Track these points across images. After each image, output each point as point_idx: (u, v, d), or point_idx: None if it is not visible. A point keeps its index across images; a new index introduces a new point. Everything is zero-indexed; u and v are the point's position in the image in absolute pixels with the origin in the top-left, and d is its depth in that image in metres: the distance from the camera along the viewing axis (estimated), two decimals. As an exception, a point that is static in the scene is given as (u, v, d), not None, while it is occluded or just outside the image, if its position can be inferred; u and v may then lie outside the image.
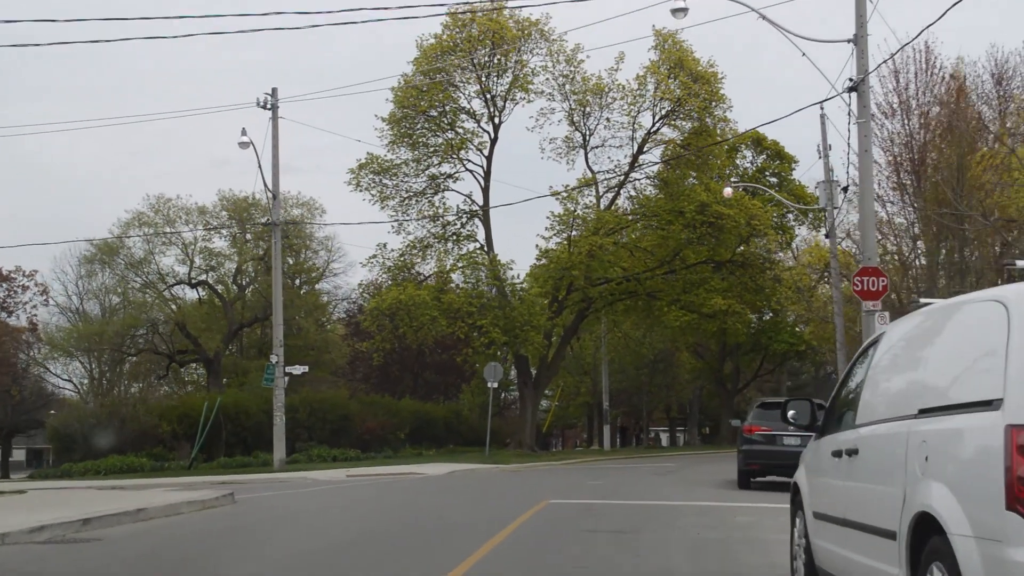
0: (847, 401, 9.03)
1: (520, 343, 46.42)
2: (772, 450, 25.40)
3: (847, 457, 7.98)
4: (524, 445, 49.11)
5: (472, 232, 51.09)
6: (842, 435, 8.55)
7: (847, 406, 8.93)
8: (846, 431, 8.50)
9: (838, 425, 9.05)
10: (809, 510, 9.37)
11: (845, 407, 9.03)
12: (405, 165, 50.94)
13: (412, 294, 45.81)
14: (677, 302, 49.66)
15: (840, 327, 40.95)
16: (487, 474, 35.13)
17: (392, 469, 36.86)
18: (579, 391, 73.70)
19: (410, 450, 48.08)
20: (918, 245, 38.62)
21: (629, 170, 51.78)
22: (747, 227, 48.16)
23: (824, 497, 8.88)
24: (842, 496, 8.15)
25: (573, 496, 22.81)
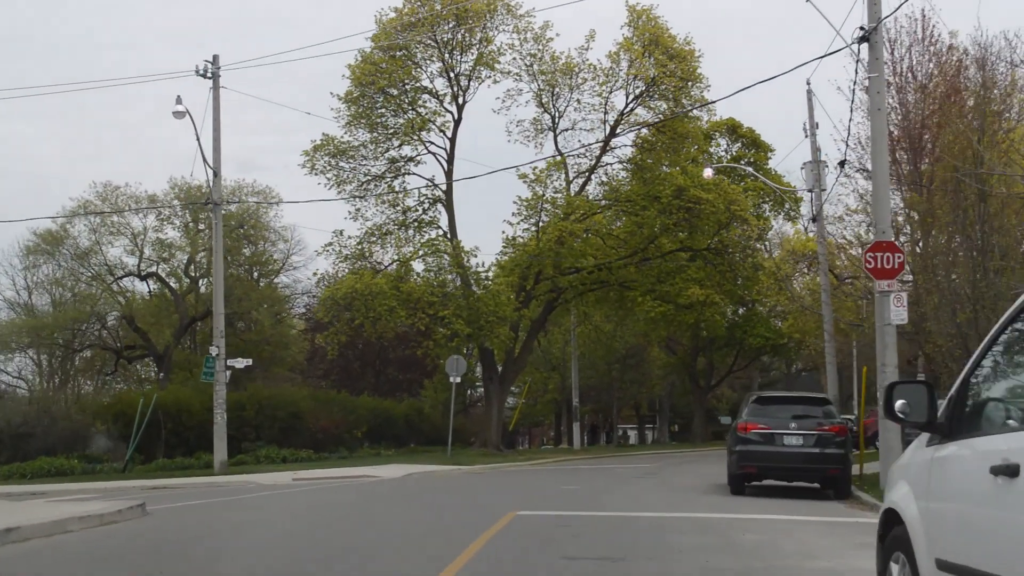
0: (998, 389, 5.58)
1: (485, 335, 42.87)
2: (771, 451, 22.08)
3: (1010, 477, 4.60)
4: (489, 444, 45.58)
5: (434, 218, 47.60)
6: (995, 440, 5.12)
7: (1001, 397, 5.50)
8: (1003, 435, 5.08)
9: (979, 424, 5.59)
10: (927, 557, 5.84)
11: (995, 398, 5.60)
12: (363, 147, 47.32)
13: (369, 283, 42.17)
14: (651, 292, 46.31)
15: (828, 316, 37.66)
16: (447, 477, 31.58)
17: (344, 471, 33.25)
18: (547, 387, 70.15)
19: (368, 450, 44.44)
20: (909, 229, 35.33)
21: (601, 153, 48.41)
22: (726, 213, 44.81)
23: (962, 538, 5.40)
24: (1006, 539, 4.73)
25: (544, 506, 19.30)
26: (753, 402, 22.96)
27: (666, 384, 74.79)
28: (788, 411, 22.54)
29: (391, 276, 43.66)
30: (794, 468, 22.12)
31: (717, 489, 24.19)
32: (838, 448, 21.95)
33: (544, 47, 47.56)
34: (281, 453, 39.08)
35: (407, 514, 18.32)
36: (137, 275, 64.46)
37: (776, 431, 22.10)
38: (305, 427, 41.36)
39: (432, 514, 18.32)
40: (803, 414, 22.42)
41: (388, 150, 47.60)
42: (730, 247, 46.40)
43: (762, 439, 22.12)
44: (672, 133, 47.01)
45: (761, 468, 22.23)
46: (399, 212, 47.55)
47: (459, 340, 42.79)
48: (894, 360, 20.97)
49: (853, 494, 22.01)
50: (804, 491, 23.50)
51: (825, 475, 22.13)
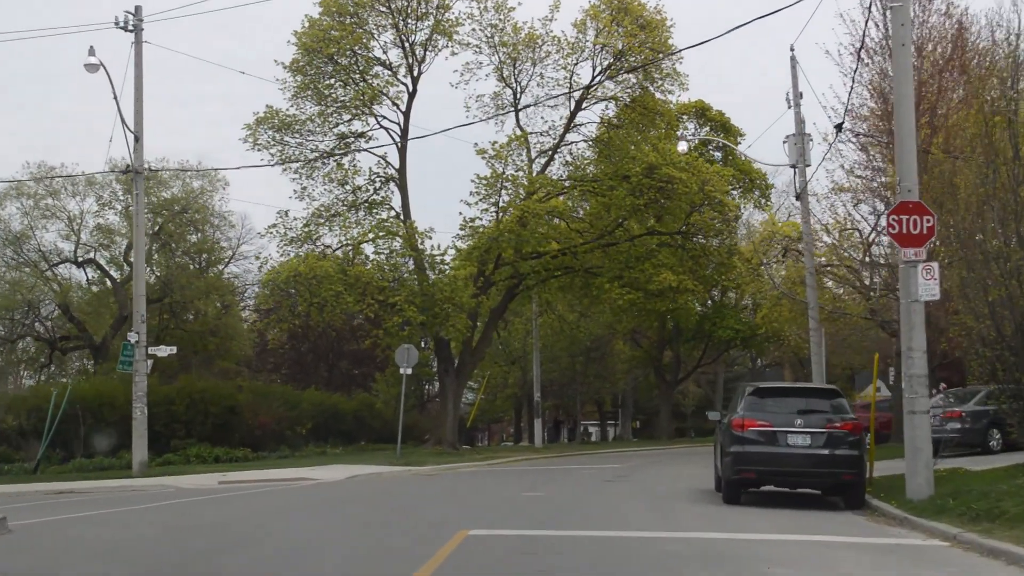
0: None
1: (440, 324, 38.90)
2: (774, 453, 18.35)
3: None
4: (444, 442, 41.60)
5: (386, 198, 43.43)
6: None
7: None
8: None
9: None
10: None
11: None
12: (310, 121, 43.07)
13: (313, 265, 38.06)
14: (619, 279, 42.50)
15: (813, 301, 34.07)
16: (394, 480, 27.64)
17: (279, 473, 29.27)
18: (507, 382, 66.19)
19: (313, 449, 40.36)
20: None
21: (565, 131, 44.52)
22: (700, 194, 41.07)
23: None
24: None
25: (503, 521, 15.47)
26: (750, 394, 19.15)
27: (630, 379, 71.05)
28: (792, 405, 18.80)
29: (338, 259, 39.56)
30: (801, 473, 18.37)
31: (705, 496, 20.46)
32: (852, 449, 18.25)
33: (505, 17, 43.68)
34: (214, 452, 35.03)
35: (329, 533, 14.41)
36: (74, 262, 59.90)
37: (779, 429, 18.36)
38: (242, 423, 37.24)
39: (361, 534, 14.40)
40: (810, 408, 18.69)
41: (337, 125, 43.47)
42: (704, 230, 42.62)
43: (763, 439, 18.37)
44: (642, 109, 43.30)
45: (761, 473, 18.48)
46: (348, 191, 43.43)
47: (412, 329, 38.78)
48: (922, 343, 17.33)
49: (868, 503, 18.32)
50: (807, 498, 19.78)
51: (838, 481, 18.41)
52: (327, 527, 15.39)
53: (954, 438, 27.56)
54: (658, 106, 43.28)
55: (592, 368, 64.57)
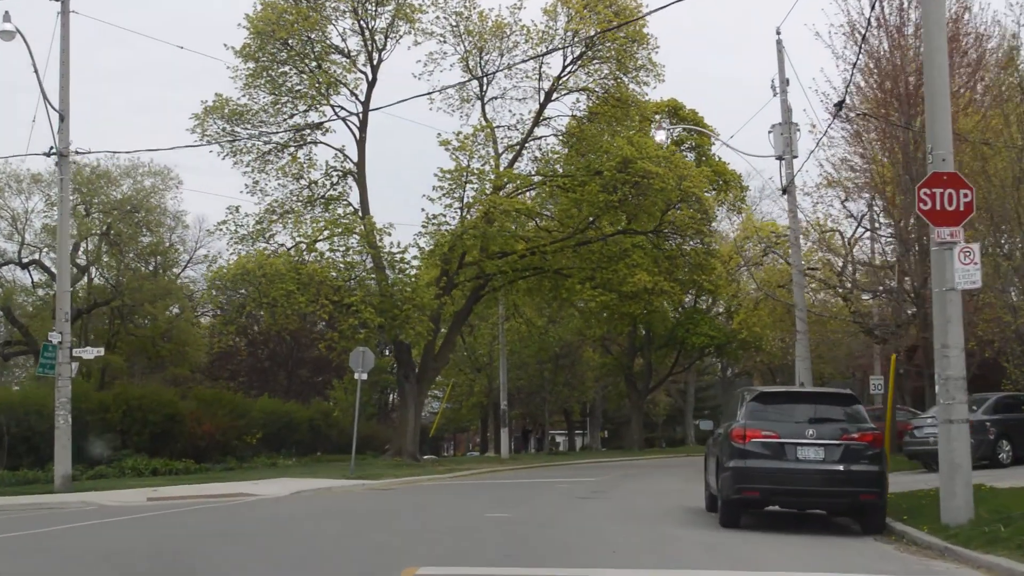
0: None
1: (400, 327, 35.83)
2: (781, 468, 15.46)
3: None
4: (404, 453, 38.52)
5: (344, 193, 40.38)
6: None
7: None
8: None
9: None
10: None
11: None
12: (263, 111, 39.95)
13: (263, 263, 34.90)
14: (591, 280, 39.52)
15: (800, 301, 31.29)
16: (344, 497, 24.53)
17: (218, 488, 26.09)
18: (473, 390, 63.03)
19: (264, 459, 37.15)
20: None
21: (534, 124, 41.68)
22: (676, 191, 38.24)
23: None
24: None
25: (463, 553, 12.53)
26: (753, 400, 16.22)
27: (600, 387, 68.13)
28: (801, 413, 15.93)
29: (290, 257, 36.37)
30: (813, 492, 15.47)
31: (696, 518, 17.56)
32: (872, 464, 15.41)
33: (471, 4, 40.96)
34: (151, 464, 31.79)
35: (252, 565, 11.33)
36: (18, 263, 56.39)
37: (787, 441, 15.48)
38: (184, 432, 33.96)
39: (295, 569, 11.32)
40: (822, 417, 15.82)
41: (292, 115, 40.38)
42: (681, 229, 39.77)
43: (768, 452, 15.48)
44: (615, 101, 40.53)
45: (767, 492, 15.57)
46: (304, 186, 40.32)
47: (368, 332, 35.68)
48: (959, 340, 14.52)
49: (890, 527, 15.48)
50: (814, 520, 16.93)
51: (855, 502, 15.51)
52: (244, 560, 12.32)
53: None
54: (632, 98, 40.50)
55: (561, 376, 61.58)
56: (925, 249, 29.06)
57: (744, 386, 17.44)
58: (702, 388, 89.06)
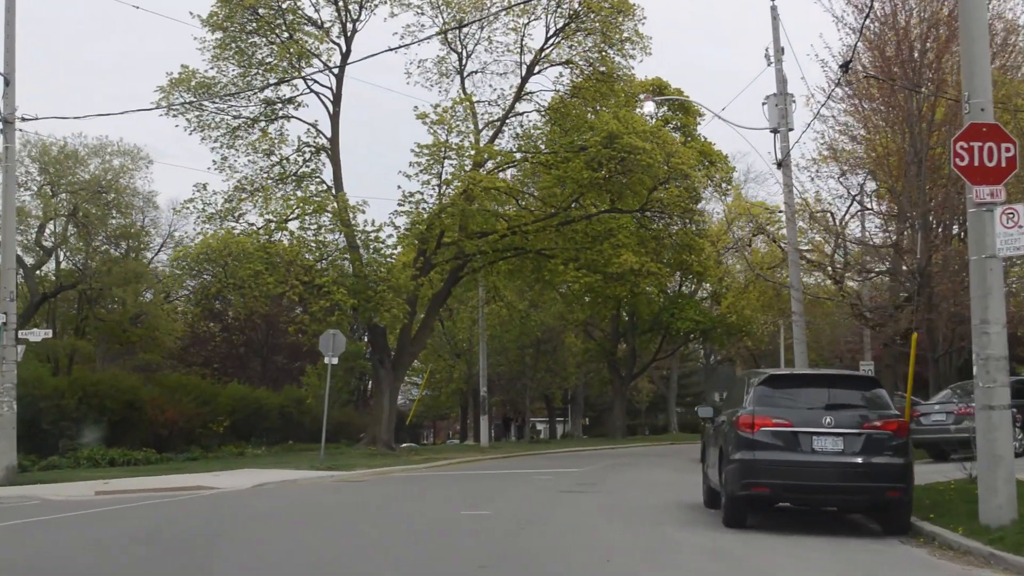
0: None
1: (374, 309, 33.75)
2: (795, 461, 13.57)
3: None
4: (379, 441, 36.53)
5: (317, 169, 38.23)
6: None
7: None
8: None
9: None
10: None
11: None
12: (232, 84, 37.76)
13: (228, 241, 32.77)
14: (575, 261, 37.47)
15: (796, 281, 29.44)
16: (310, 490, 22.47)
17: (176, 480, 24.03)
18: (452, 376, 60.95)
19: (232, 448, 35.11)
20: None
21: (515, 100, 39.64)
22: (664, 168, 36.27)
23: None
24: None
25: (430, 566, 10.50)
26: (762, 384, 14.28)
27: (582, 373, 66.18)
28: (817, 398, 14.01)
29: (257, 235, 34.24)
30: (831, 488, 13.56)
31: (695, 515, 15.69)
32: (897, 456, 13.53)
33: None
34: (109, 454, 29.67)
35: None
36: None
37: (802, 430, 13.56)
38: (145, 420, 31.86)
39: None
40: (841, 402, 13.92)
41: (263, 89, 38.18)
42: (669, 208, 37.77)
43: (780, 442, 13.56)
44: (599, 75, 38.51)
45: (778, 488, 13.63)
46: (275, 163, 38.17)
47: (341, 315, 33.61)
48: (1000, 315, 12.68)
49: (917, 528, 13.60)
50: (825, 517, 15.04)
51: (879, 499, 13.60)
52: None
53: (969, 439, 22.99)
54: (619, 70, 38.46)
55: (543, 362, 59.57)
56: (929, 226, 27.30)
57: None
58: (685, 375, 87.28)
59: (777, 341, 65.41)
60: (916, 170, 26.33)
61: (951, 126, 26.53)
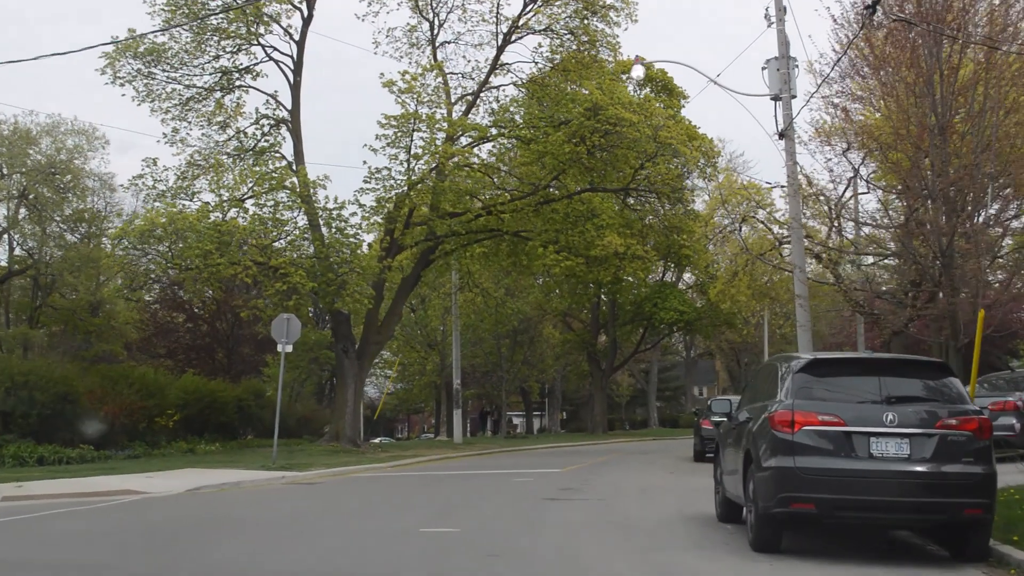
0: None
1: (335, 293, 30.39)
2: (850, 470, 10.45)
3: None
4: (343, 437, 33.21)
5: (276, 144, 34.86)
6: None
7: None
8: None
9: None
10: None
11: None
12: (185, 52, 34.32)
13: (174, 217, 29.35)
14: (554, 243, 34.20)
15: (799, 259, 26.30)
16: (252, 495, 19.14)
17: (100, 483, 20.64)
18: (425, 368, 57.61)
19: (181, 445, 31.65)
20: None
21: (491, 71, 36.43)
22: (652, 142, 33.09)
23: None
24: None
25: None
26: (802, 370, 11.06)
27: (560, 366, 62.97)
28: (873, 388, 10.82)
29: (208, 210, 30.81)
30: (895, 505, 10.36)
31: (707, 531, 12.58)
32: (977, 463, 10.42)
33: (421, -65, 35.60)
34: (38, 451, 26.16)
35: None
36: None
37: (857, 429, 10.40)
38: (82, 414, 28.35)
39: None
40: (904, 394, 10.77)
41: (218, 57, 34.79)
42: (656, 186, 34.58)
43: (829, 446, 10.39)
44: (580, 43, 35.32)
45: (827, 505, 10.40)
46: (231, 136, 34.82)
47: (299, 299, 30.25)
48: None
49: (994, 551, 10.49)
50: (870, 536, 11.88)
51: (956, 518, 10.42)
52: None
53: (1008, 438, 19.96)
54: (602, 39, 35.24)
55: (519, 353, 56.30)
56: (951, 201, 24.21)
57: (785, 354, 11.99)
58: (665, 368, 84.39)
59: (760, 335, 62.59)
60: (939, 138, 23.24)
61: (974, 90, 23.65)
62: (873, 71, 24.84)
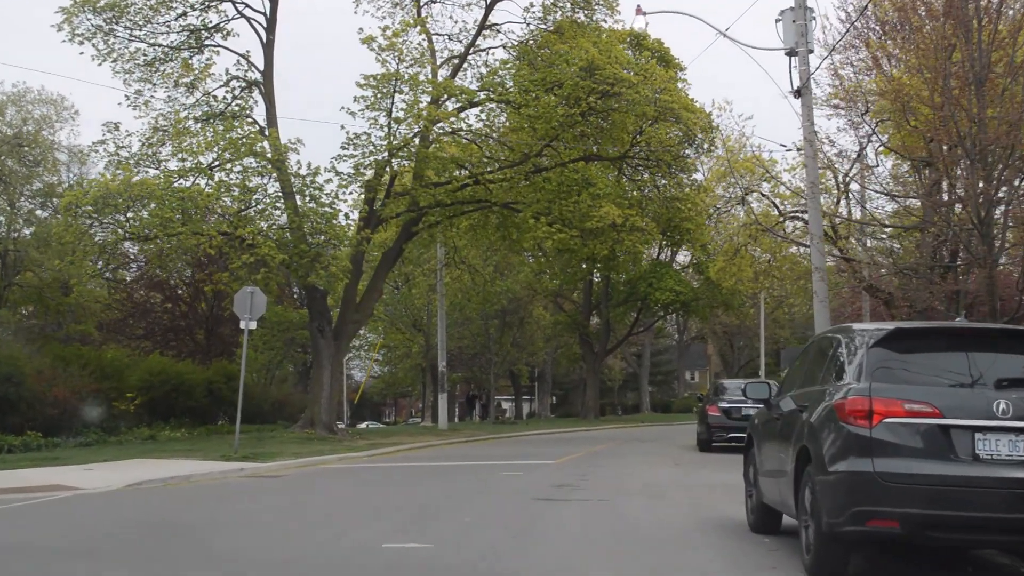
0: None
1: (309, 267, 27.58)
2: (951, 477, 7.62)
3: None
4: (318, 424, 30.42)
5: (248, 108, 31.99)
6: None
7: None
8: None
9: None
10: None
11: None
12: (149, 8, 31.41)
13: (129, 181, 26.51)
14: (546, 214, 31.37)
15: (817, 227, 23.63)
16: (201, 491, 16.37)
17: (30, 476, 17.96)
18: (410, 351, 54.80)
19: (144, 431, 28.87)
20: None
21: (479, 31, 33.63)
22: (652, 106, 30.32)
23: None
24: None
25: None
26: (879, 344, 8.31)
27: (551, 348, 60.22)
28: (975, 367, 8.07)
29: (169, 175, 27.95)
30: (1012, 524, 7.58)
31: (739, 542, 10.04)
32: (1117, 466, 7.56)
33: None
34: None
35: None
36: None
37: (959, 422, 7.70)
38: (30, 398, 25.56)
39: None
40: (1019, 377, 7.94)
41: (184, 14, 31.88)
42: (656, 153, 31.80)
43: (921, 443, 7.69)
44: (573, 1, 32.54)
45: (918, 522, 7.66)
46: (199, 100, 31.92)
47: (268, 272, 27.45)
48: None
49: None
50: (953, 558, 9.21)
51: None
52: None
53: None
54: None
55: (508, 335, 53.50)
56: (989, 164, 21.50)
57: (831, 330, 8.99)
58: (657, 351, 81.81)
59: (756, 317, 59.99)
60: (976, 91, 20.53)
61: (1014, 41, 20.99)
62: (900, 19, 22.06)
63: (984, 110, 20.74)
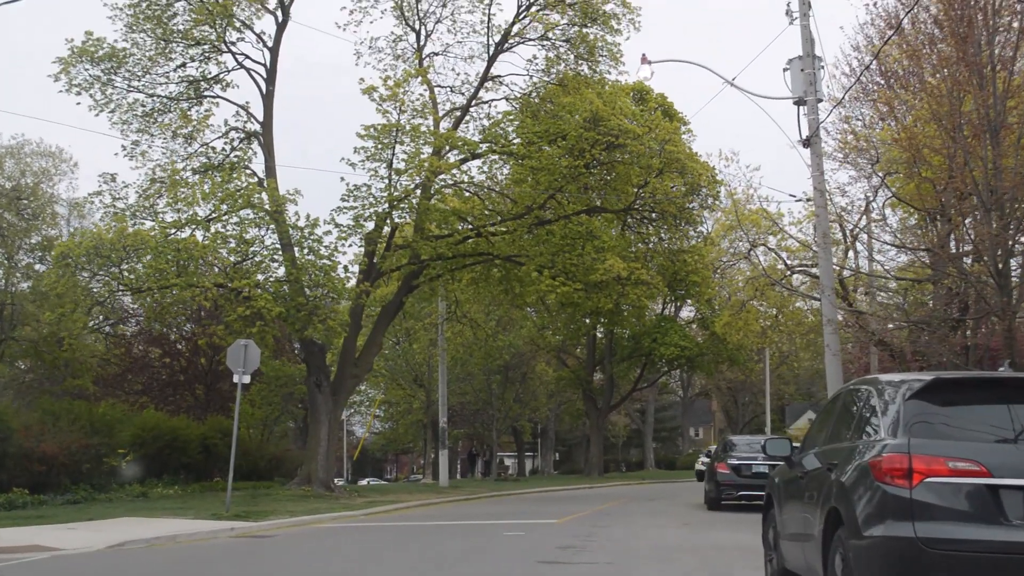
0: None
1: (306, 320, 26.85)
2: (1001, 543, 6.75)
3: None
4: (315, 480, 29.51)
5: (247, 159, 31.49)
6: None
7: None
8: None
9: None
10: None
11: None
12: (148, 59, 31.05)
13: (123, 232, 25.90)
14: (549, 267, 30.68)
15: (827, 279, 22.85)
16: (184, 554, 15.50)
17: (9, 536, 16.95)
18: (412, 406, 53.87)
19: (136, 488, 27.95)
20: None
21: (481, 83, 33.23)
22: (658, 157, 29.78)
23: None
24: None
25: None
26: (916, 396, 7.56)
27: (554, 404, 59.25)
28: (1019, 420, 7.24)
29: (163, 226, 27.34)
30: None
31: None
32: None
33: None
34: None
35: None
36: None
37: (1009, 482, 6.96)
38: (17, 454, 24.71)
39: None
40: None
41: (184, 64, 31.53)
42: (661, 205, 31.20)
43: (967, 506, 6.99)
44: (577, 54, 32.15)
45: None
46: (196, 151, 31.45)
47: (263, 326, 26.70)
48: None
49: None
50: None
51: None
52: None
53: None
54: (602, 48, 32.01)
55: (511, 391, 52.60)
56: (1006, 214, 20.84)
57: (859, 382, 8.15)
58: (661, 408, 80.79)
59: (760, 374, 59.13)
60: (991, 139, 19.94)
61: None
62: (912, 64, 21.53)
63: (1000, 158, 20.17)
